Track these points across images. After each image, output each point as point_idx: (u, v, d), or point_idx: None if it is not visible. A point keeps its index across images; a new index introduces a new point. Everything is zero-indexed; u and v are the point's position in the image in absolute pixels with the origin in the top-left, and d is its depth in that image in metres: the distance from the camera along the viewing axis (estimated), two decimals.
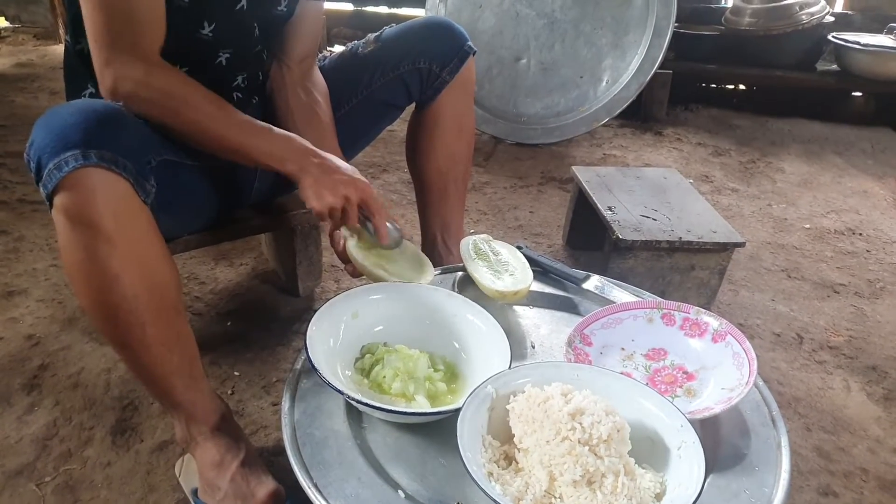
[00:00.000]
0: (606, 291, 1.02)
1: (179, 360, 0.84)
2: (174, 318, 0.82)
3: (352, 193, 0.89)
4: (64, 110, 0.74)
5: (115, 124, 0.75)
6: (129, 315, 0.76)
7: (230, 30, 0.95)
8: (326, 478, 0.67)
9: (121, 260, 0.73)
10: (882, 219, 2.03)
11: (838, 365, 1.33)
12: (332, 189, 0.88)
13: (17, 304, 1.38)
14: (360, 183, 0.91)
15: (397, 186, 2.09)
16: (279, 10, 1.01)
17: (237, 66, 1.01)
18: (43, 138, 0.72)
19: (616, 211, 1.43)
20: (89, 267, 0.73)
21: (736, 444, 0.73)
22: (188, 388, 0.86)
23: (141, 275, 0.75)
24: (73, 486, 0.97)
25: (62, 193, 0.70)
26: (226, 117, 0.88)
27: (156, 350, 0.80)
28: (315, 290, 1.47)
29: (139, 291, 0.75)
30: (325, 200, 0.88)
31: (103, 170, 0.70)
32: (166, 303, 0.79)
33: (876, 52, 2.71)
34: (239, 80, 1.03)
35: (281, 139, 0.90)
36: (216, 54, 0.97)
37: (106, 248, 0.71)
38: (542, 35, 2.45)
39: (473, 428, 0.67)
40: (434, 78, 1.16)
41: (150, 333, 0.78)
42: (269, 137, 0.90)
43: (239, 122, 0.88)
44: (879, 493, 1.03)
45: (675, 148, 2.57)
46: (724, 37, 2.96)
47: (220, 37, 0.94)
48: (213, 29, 0.92)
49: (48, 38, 3.78)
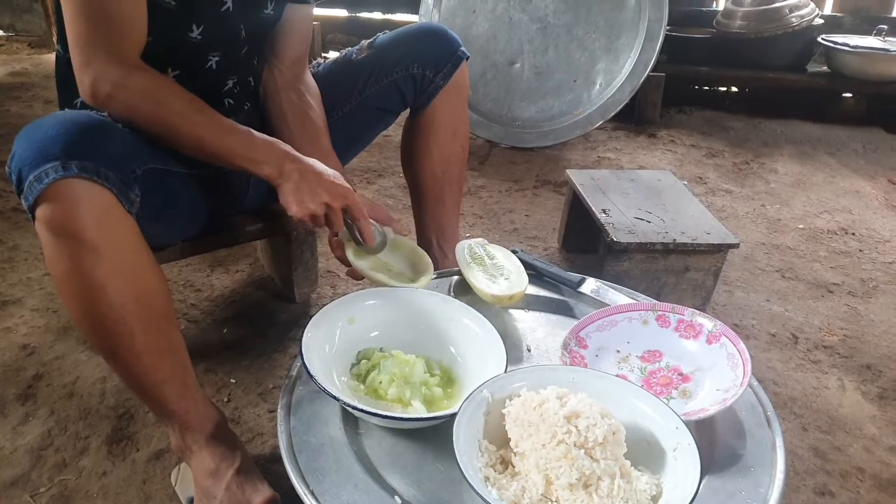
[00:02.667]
0: (602, 294, 1.02)
1: (171, 369, 0.83)
2: (164, 327, 0.81)
3: (333, 199, 0.88)
4: (45, 122, 0.74)
5: (97, 135, 0.74)
6: (118, 325, 0.76)
7: (218, 32, 0.95)
8: (323, 485, 0.67)
9: (106, 270, 0.72)
10: (874, 218, 2.04)
11: (833, 364, 1.34)
12: (312, 194, 0.87)
13: (12, 314, 1.38)
14: (341, 188, 0.89)
15: (393, 191, 2.09)
16: (265, 13, 1.01)
17: (227, 70, 1.01)
18: (23, 150, 0.72)
19: (610, 213, 1.44)
20: (75, 278, 0.73)
21: (731, 445, 0.74)
22: (181, 396, 0.86)
23: (128, 284, 0.75)
24: (69, 497, 0.97)
25: (44, 205, 0.70)
26: (204, 120, 0.87)
27: (146, 359, 0.80)
28: (311, 296, 1.47)
29: (126, 300, 0.75)
30: (304, 206, 0.87)
31: (85, 181, 0.70)
32: (155, 311, 0.79)
33: (865, 54, 2.74)
34: (230, 84, 1.03)
35: (261, 143, 0.89)
36: (206, 58, 0.97)
37: (91, 259, 0.71)
38: (536, 39, 2.46)
39: (469, 433, 0.67)
40: (428, 83, 1.17)
41: (139, 342, 0.78)
42: (249, 141, 0.88)
43: (217, 124, 0.88)
44: (876, 492, 1.03)
45: (669, 150, 2.58)
46: (716, 39, 2.98)
47: (208, 40, 0.94)
48: (202, 31, 0.92)
49: (42, 47, 3.77)
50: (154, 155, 0.86)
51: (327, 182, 0.89)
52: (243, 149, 0.88)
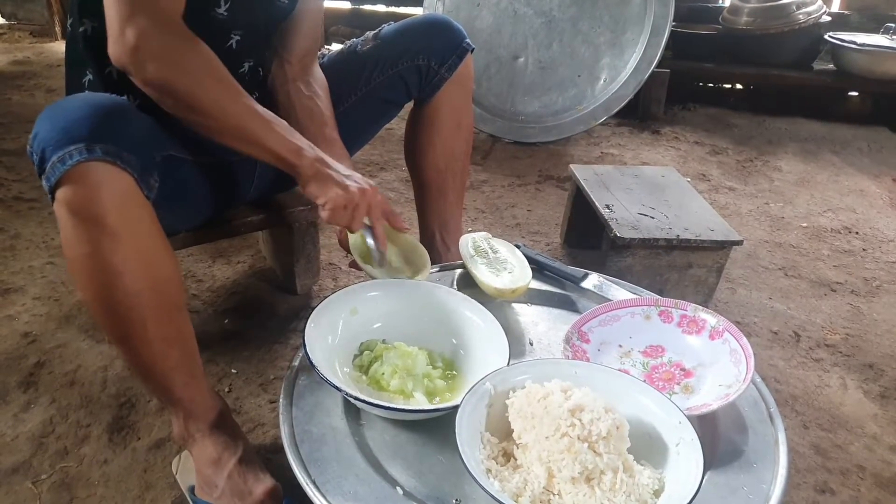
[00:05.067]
0: (604, 289, 1.02)
1: (180, 357, 0.83)
2: (176, 315, 0.81)
3: (360, 197, 0.88)
4: (69, 104, 0.73)
5: (121, 118, 0.74)
6: (131, 311, 0.75)
7: (241, 11, 0.94)
8: (325, 475, 0.67)
9: (124, 256, 0.72)
10: (878, 217, 2.04)
11: (835, 363, 1.34)
12: (341, 189, 0.86)
13: (14, 302, 1.38)
14: (367, 189, 0.89)
15: (395, 185, 2.09)
16: (280, 3, 1.01)
17: (245, 52, 1.00)
18: (48, 131, 0.71)
19: (614, 209, 1.43)
20: (92, 262, 0.72)
21: (734, 441, 0.73)
22: (187, 384, 0.86)
23: (144, 271, 0.74)
24: (70, 484, 0.97)
25: (65, 187, 0.69)
26: (245, 109, 0.84)
27: (156, 346, 0.80)
28: (313, 288, 1.47)
29: (142, 288, 0.75)
30: (334, 201, 0.86)
31: (108, 164, 0.69)
32: (169, 299, 0.79)
33: (872, 52, 2.72)
34: (245, 67, 1.02)
35: (296, 146, 0.87)
36: (228, 36, 0.96)
37: (109, 244, 0.71)
38: (540, 34, 2.44)
39: (472, 425, 0.67)
40: (433, 75, 1.16)
41: (151, 329, 0.78)
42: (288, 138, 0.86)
43: (261, 117, 0.85)
44: (877, 491, 1.03)
45: (673, 147, 2.57)
46: (722, 36, 2.97)
47: (232, 17, 0.93)
48: (228, 8, 0.91)
49: (45, 36, 3.76)
50: (171, 142, 0.86)
51: (353, 181, 0.88)
52: (285, 149, 0.86)
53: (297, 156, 0.86)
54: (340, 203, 0.86)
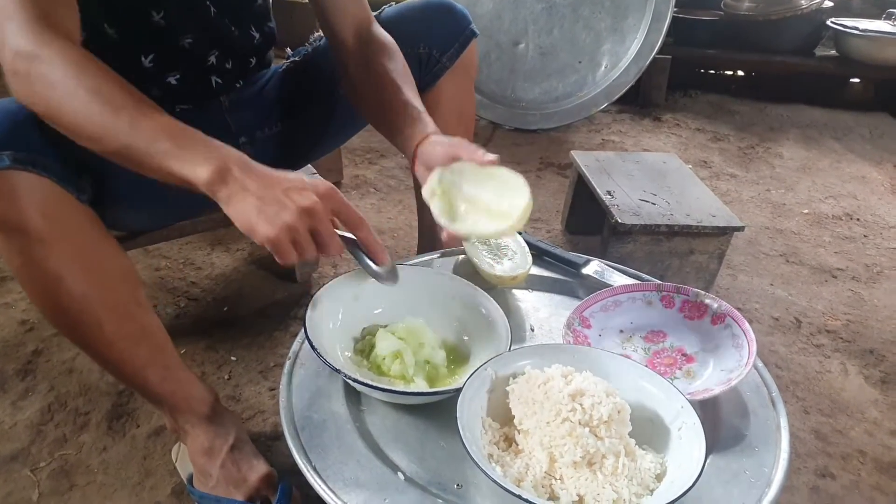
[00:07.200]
0: (605, 276, 1.01)
1: (148, 354, 0.81)
2: (135, 311, 0.79)
3: (314, 203, 0.64)
4: None
5: (32, 122, 0.68)
6: (82, 314, 0.73)
7: (184, 15, 0.87)
8: (325, 461, 0.66)
9: (58, 260, 0.70)
10: (879, 204, 2.03)
11: (836, 349, 1.34)
12: (281, 204, 0.63)
13: (11, 290, 1.37)
14: (320, 186, 0.66)
15: (395, 172, 2.07)
16: None
17: (206, 46, 0.93)
18: None
19: (615, 195, 1.42)
20: (28, 271, 0.70)
21: (736, 425, 0.73)
22: (164, 379, 0.84)
23: (85, 272, 0.72)
24: (69, 472, 0.97)
25: None
26: (132, 116, 0.64)
27: (119, 346, 0.78)
28: (312, 276, 1.46)
29: (86, 289, 0.72)
30: (276, 221, 0.63)
31: (20, 171, 0.66)
32: (121, 297, 0.76)
33: (874, 38, 2.70)
34: (212, 59, 0.95)
35: (201, 141, 0.66)
36: (178, 39, 0.90)
37: (40, 250, 0.68)
38: (541, 19, 2.42)
39: (473, 410, 0.66)
40: (434, 63, 1.12)
41: (108, 330, 0.76)
42: (181, 135, 0.65)
43: (147, 126, 0.65)
44: (877, 475, 1.03)
45: (674, 133, 2.55)
46: (724, 22, 2.94)
47: (174, 22, 0.87)
48: (163, 17, 0.85)
49: None
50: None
51: (297, 183, 0.65)
52: (169, 145, 0.64)
53: (202, 174, 0.64)
54: (281, 237, 0.63)
